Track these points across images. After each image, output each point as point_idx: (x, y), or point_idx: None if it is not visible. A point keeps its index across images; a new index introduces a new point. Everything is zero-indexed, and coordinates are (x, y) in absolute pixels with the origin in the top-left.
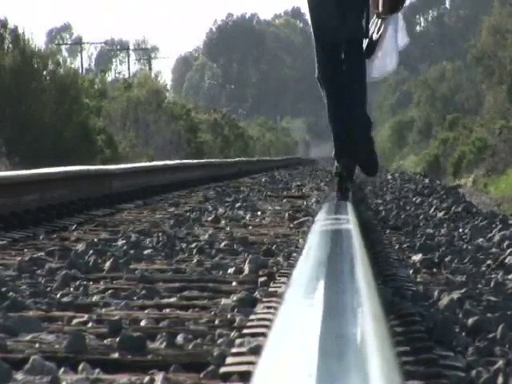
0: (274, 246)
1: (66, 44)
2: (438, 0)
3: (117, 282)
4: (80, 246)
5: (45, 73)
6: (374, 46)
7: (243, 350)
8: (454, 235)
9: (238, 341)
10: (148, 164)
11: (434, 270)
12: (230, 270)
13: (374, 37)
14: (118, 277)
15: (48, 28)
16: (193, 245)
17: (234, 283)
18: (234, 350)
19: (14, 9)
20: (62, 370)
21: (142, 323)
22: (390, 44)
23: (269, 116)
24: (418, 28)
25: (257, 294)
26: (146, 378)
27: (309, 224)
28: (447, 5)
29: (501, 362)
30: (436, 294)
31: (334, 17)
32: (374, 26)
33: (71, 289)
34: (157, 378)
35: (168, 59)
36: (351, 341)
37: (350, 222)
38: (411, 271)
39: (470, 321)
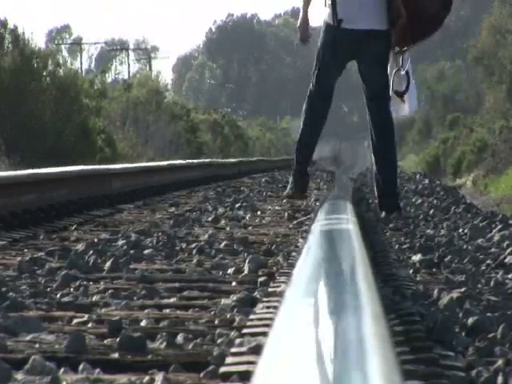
0: (274, 245)
1: (66, 44)
2: None
3: (117, 282)
4: (80, 246)
5: (45, 73)
6: (408, 79)
7: (243, 349)
8: (454, 235)
9: (237, 340)
10: (148, 164)
11: (434, 269)
12: (230, 270)
13: (403, 71)
14: (118, 277)
15: (48, 28)
16: (193, 245)
17: (234, 283)
18: (233, 350)
19: (14, 9)
20: (62, 370)
21: (142, 323)
22: (413, 84)
23: (269, 116)
24: None
25: (256, 294)
26: (146, 378)
27: (308, 223)
28: None
29: (500, 362)
30: (436, 293)
31: (338, 68)
32: (397, 62)
33: (71, 289)
34: (157, 378)
35: (168, 59)
36: (351, 340)
37: (349, 222)
38: (411, 271)
39: (470, 320)
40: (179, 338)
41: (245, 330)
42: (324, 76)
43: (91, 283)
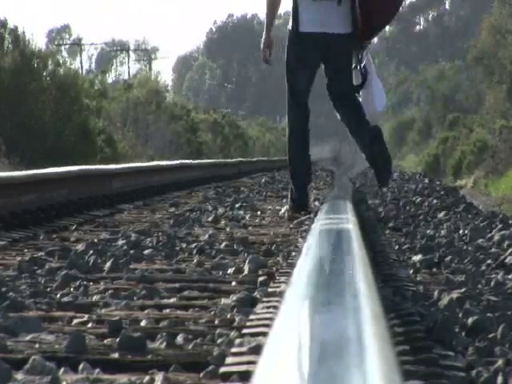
0: (274, 245)
1: (66, 44)
2: (438, 0)
3: (117, 282)
4: (80, 246)
5: (45, 73)
6: (365, 75)
7: (243, 349)
8: (454, 236)
9: (237, 340)
10: (148, 164)
11: (434, 269)
12: (230, 270)
13: (360, 67)
14: (118, 277)
15: (48, 28)
16: (193, 245)
17: (234, 283)
18: (233, 350)
19: (14, 9)
20: (62, 370)
21: (142, 323)
22: (378, 82)
23: (269, 116)
24: (417, 28)
25: (256, 294)
26: (146, 378)
27: (308, 223)
28: (447, 5)
29: (500, 362)
30: (436, 293)
31: (310, 75)
32: (355, 58)
33: (71, 289)
34: (157, 378)
35: (168, 59)
36: (351, 340)
37: (349, 222)
38: (411, 271)
39: (470, 320)
40: (179, 338)
41: (245, 330)
42: (296, 85)
43: (91, 283)
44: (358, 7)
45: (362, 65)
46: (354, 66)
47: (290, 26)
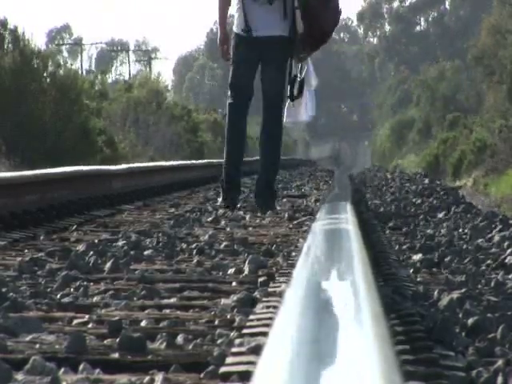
0: (274, 246)
1: (66, 44)
2: (438, 0)
3: (117, 283)
4: (80, 247)
5: (45, 74)
6: (302, 85)
7: (243, 349)
8: (454, 235)
9: (237, 341)
10: (148, 164)
11: (434, 269)
12: (230, 271)
13: (300, 77)
14: (119, 277)
15: (48, 28)
16: (193, 245)
17: (234, 283)
18: (233, 350)
19: (14, 9)
20: (62, 370)
21: (142, 323)
22: (309, 93)
23: None
24: (417, 28)
25: (256, 294)
26: (146, 378)
27: (308, 224)
28: (447, 5)
29: (500, 362)
30: (436, 293)
31: (252, 77)
32: (296, 68)
33: (71, 289)
34: (157, 378)
35: (169, 59)
36: (351, 340)
37: (349, 222)
38: (411, 271)
39: (470, 321)
40: (179, 339)
41: (245, 330)
42: (240, 84)
43: (91, 284)
44: (299, 16)
45: (302, 76)
46: (293, 75)
47: (234, 29)
